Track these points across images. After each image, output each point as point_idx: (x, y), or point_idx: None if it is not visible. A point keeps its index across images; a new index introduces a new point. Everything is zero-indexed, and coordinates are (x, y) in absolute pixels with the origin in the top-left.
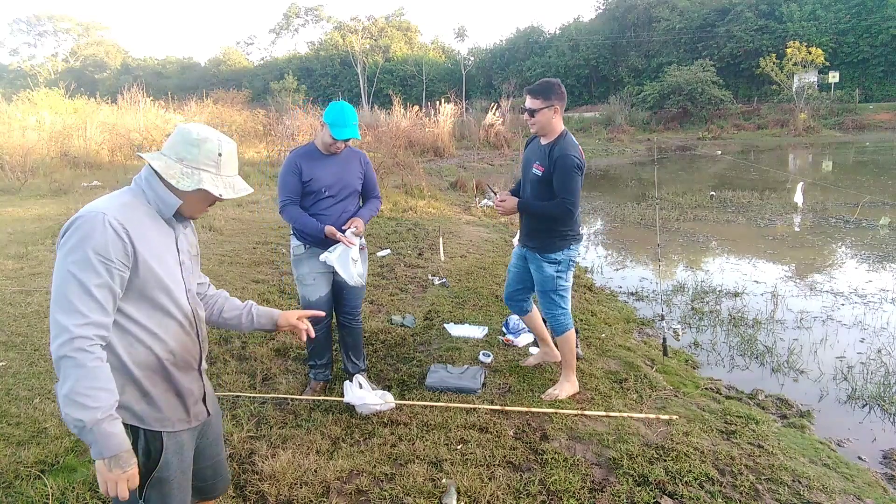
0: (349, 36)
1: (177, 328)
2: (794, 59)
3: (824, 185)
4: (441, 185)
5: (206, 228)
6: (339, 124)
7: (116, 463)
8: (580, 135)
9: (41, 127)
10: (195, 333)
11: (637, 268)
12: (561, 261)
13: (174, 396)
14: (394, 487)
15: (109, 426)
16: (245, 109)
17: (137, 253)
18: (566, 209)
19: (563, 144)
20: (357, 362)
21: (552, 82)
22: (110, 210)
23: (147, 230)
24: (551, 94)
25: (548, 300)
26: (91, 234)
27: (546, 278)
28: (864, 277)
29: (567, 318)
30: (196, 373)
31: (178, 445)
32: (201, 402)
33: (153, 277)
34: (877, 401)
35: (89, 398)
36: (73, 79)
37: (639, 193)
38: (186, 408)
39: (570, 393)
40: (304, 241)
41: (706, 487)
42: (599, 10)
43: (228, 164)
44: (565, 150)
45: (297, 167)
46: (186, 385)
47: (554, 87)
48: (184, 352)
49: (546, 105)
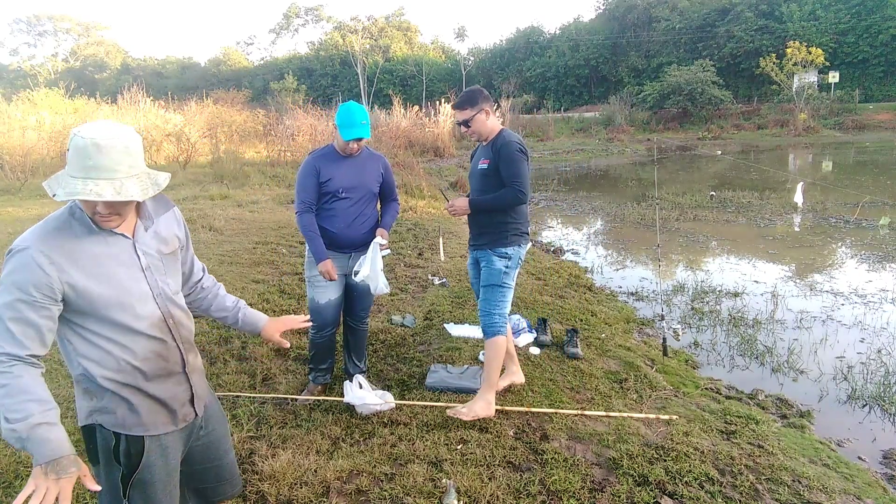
0: (349, 36)
1: (144, 341)
2: (794, 59)
3: (824, 185)
4: (441, 185)
5: (206, 228)
6: (346, 125)
7: (53, 468)
8: (580, 135)
9: (41, 127)
10: (171, 338)
11: (637, 268)
12: (511, 256)
13: (154, 403)
14: (394, 487)
15: (44, 432)
16: (245, 109)
17: (71, 280)
18: (517, 194)
19: (504, 136)
20: (358, 363)
21: (473, 90)
22: (36, 242)
23: (86, 250)
24: (477, 100)
25: (488, 295)
26: (14, 270)
27: (493, 272)
28: (864, 277)
29: (502, 321)
30: (179, 376)
31: (162, 448)
32: (188, 404)
33: (98, 298)
34: (877, 401)
35: (15, 411)
36: (73, 79)
37: (639, 193)
38: (170, 411)
39: (482, 415)
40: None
41: (706, 487)
42: (599, 10)
43: (74, 161)
44: (506, 139)
45: (316, 169)
46: (168, 391)
47: (476, 93)
48: (158, 360)
49: (476, 111)
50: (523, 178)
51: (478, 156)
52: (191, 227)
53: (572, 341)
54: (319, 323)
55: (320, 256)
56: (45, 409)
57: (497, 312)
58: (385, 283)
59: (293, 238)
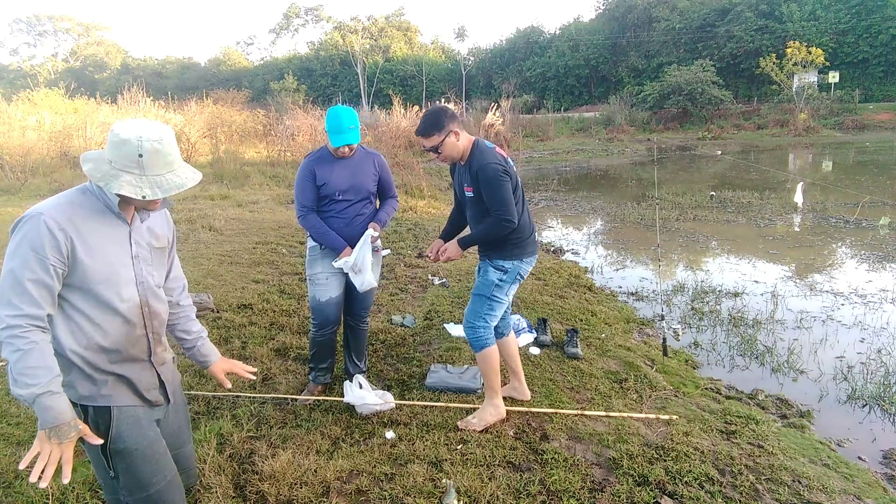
0: (349, 36)
1: (120, 323)
2: (794, 59)
3: (824, 185)
4: (441, 185)
5: (206, 228)
6: (335, 131)
7: (56, 434)
8: (580, 135)
9: (41, 127)
10: (143, 327)
11: (637, 268)
12: (508, 269)
13: (119, 381)
14: (394, 487)
15: (48, 400)
16: (245, 109)
17: (74, 250)
18: (502, 223)
19: (479, 156)
20: (358, 364)
21: (436, 111)
22: (49, 210)
23: (90, 226)
24: (443, 123)
25: (474, 304)
26: (28, 234)
27: (485, 282)
28: (864, 277)
29: (488, 334)
30: (144, 363)
31: (133, 419)
32: (157, 389)
33: (91, 272)
34: (877, 401)
35: (27, 376)
36: (73, 79)
37: (639, 193)
38: (136, 391)
39: (492, 421)
40: (321, 243)
41: (706, 487)
42: (599, 10)
43: (153, 164)
44: (482, 161)
45: (311, 172)
46: (134, 374)
47: (440, 114)
48: (127, 345)
49: (444, 135)
50: (506, 205)
51: (459, 177)
52: (191, 228)
53: (572, 341)
54: (320, 321)
55: (339, 246)
56: (52, 376)
57: (480, 325)
58: (373, 278)
59: (293, 238)
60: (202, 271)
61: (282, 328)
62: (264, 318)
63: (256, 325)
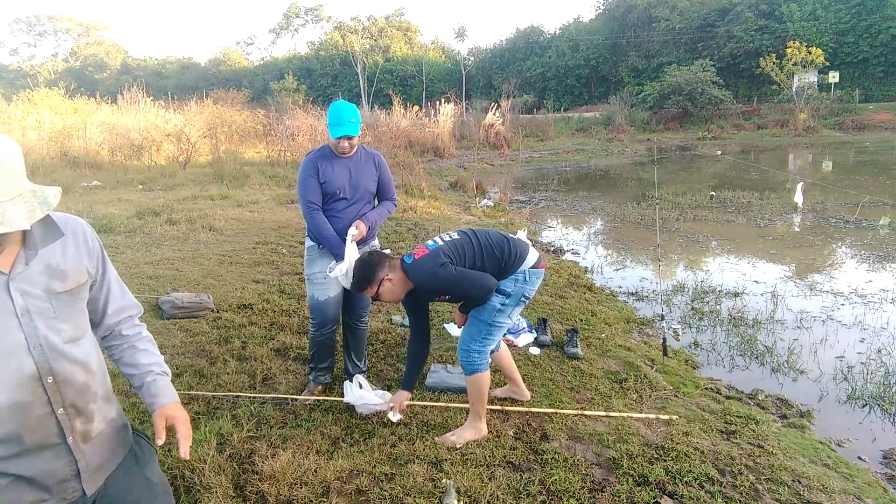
0: (349, 36)
1: (6, 407)
2: (794, 59)
3: (824, 185)
4: (441, 185)
5: (206, 228)
6: (334, 123)
7: None
8: (580, 135)
9: (41, 127)
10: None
11: (637, 268)
12: (510, 293)
13: (15, 480)
14: (394, 487)
15: None
16: (245, 109)
17: None
18: (486, 293)
19: (417, 276)
20: (358, 363)
21: (363, 266)
22: None
23: None
24: (373, 275)
25: (471, 328)
26: None
27: (487, 307)
28: (864, 277)
29: (482, 359)
30: (57, 449)
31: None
32: (71, 480)
33: None
34: (877, 401)
35: None
36: (73, 79)
37: (639, 193)
38: (42, 488)
39: (472, 440)
40: (319, 242)
41: (706, 487)
42: (599, 10)
43: None
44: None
45: (315, 168)
46: (36, 468)
47: (368, 267)
48: (24, 432)
49: (377, 284)
50: (477, 284)
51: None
52: (191, 228)
53: (572, 341)
54: (320, 320)
55: (338, 252)
56: None
57: (475, 349)
58: None
59: (293, 238)
60: (202, 271)
61: (282, 328)
62: (264, 318)
63: (256, 325)
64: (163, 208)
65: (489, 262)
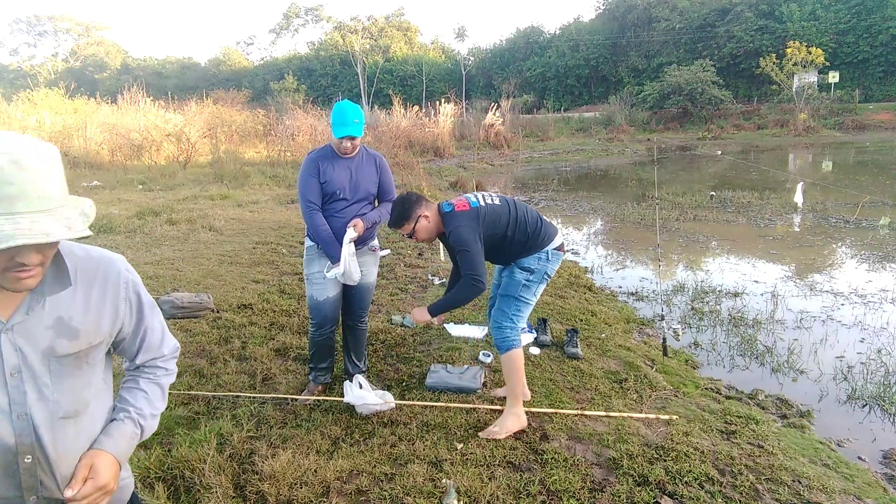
0: (349, 36)
1: None
2: (794, 59)
3: (824, 185)
4: (441, 184)
5: (206, 228)
6: (338, 123)
7: None
8: (580, 135)
9: (41, 127)
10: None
11: (637, 268)
12: (534, 269)
13: None
14: (394, 487)
15: None
16: (245, 109)
17: None
18: (472, 285)
19: (447, 224)
20: (358, 364)
21: (402, 202)
22: None
23: None
24: (411, 211)
25: (502, 305)
26: None
27: (513, 282)
28: (864, 277)
29: (515, 335)
30: None
31: None
32: None
33: None
34: (877, 401)
35: None
36: (73, 79)
37: (639, 193)
38: None
39: (513, 429)
40: (318, 243)
41: (706, 487)
42: (599, 10)
43: None
44: (452, 227)
45: (317, 168)
46: None
47: (406, 204)
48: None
49: (415, 221)
50: (476, 266)
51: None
52: (191, 228)
53: (572, 341)
54: (319, 320)
55: (334, 256)
56: None
57: (508, 325)
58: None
59: (293, 238)
60: (202, 271)
61: (282, 328)
62: (264, 318)
63: (256, 325)
64: (163, 208)
65: (519, 234)
